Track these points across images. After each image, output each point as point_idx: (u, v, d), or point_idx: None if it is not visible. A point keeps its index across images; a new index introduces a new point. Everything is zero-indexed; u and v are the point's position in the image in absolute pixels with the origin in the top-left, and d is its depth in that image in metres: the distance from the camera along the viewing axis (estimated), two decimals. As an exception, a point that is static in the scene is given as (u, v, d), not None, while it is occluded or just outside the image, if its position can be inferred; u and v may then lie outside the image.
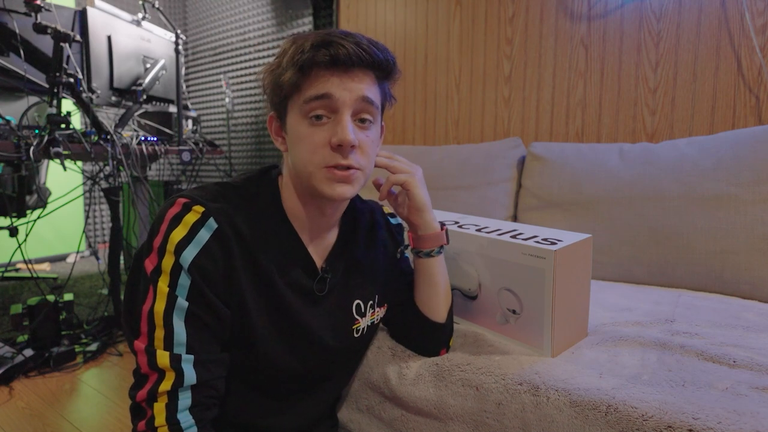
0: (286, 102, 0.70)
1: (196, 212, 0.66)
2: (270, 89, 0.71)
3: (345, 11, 2.48)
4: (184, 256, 0.64)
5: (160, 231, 0.66)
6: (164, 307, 0.64)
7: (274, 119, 0.75)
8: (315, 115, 0.67)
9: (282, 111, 0.71)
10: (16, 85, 1.72)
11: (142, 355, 0.64)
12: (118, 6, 2.14)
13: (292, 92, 0.68)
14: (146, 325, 0.64)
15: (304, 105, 0.67)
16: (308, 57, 0.65)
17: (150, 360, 0.63)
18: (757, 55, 1.45)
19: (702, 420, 0.62)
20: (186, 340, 0.64)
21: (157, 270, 0.65)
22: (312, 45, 0.65)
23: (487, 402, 0.78)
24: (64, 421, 1.41)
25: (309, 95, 0.66)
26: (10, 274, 2.76)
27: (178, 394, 0.64)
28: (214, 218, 0.66)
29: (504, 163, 1.72)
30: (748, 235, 1.19)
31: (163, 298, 0.64)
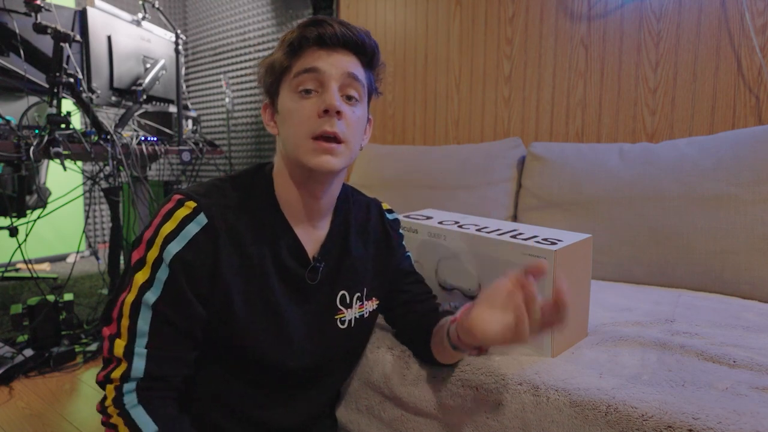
0: (278, 83, 0.73)
1: (187, 207, 0.68)
2: (264, 77, 0.75)
3: (345, 11, 2.48)
4: (169, 249, 0.66)
5: (153, 225, 0.68)
6: (134, 299, 0.66)
7: (267, 106, 0.77)
8: (304, 89, 0.70)
9: (273, 93, 0.75)
10: (16, 85, 1.72)
11: (106, 341, 0.67)
12: (118, 6, 2.14)
13: (283, 73, 0.72)
14: (117, 312, 0.67)
15: (294, 80, 0.70)
16: (297, 35, 0.70)
17: (110, 347, 0.66)
18: (757, 55, 1.45)
19: (702, 420, 0.62)
20: (147, 333, 0.66)
21: (141, 261, 0.67)
22: (301, 25, 0.70)
23: (487, 402, 0.78)
24: (64, 421, 1.41)
25: (299, 69, 0.70)
26: (10, 274, 2.76)
27: (124, 384, 0.66)
28: (205, 213, 0.68)
29: (504, 163, 1.72)
30: (748, 235, 1.19)
31: (136, 289, 0.66)
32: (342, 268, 0.82)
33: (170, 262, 0.66)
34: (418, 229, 1.06)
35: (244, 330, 0.72)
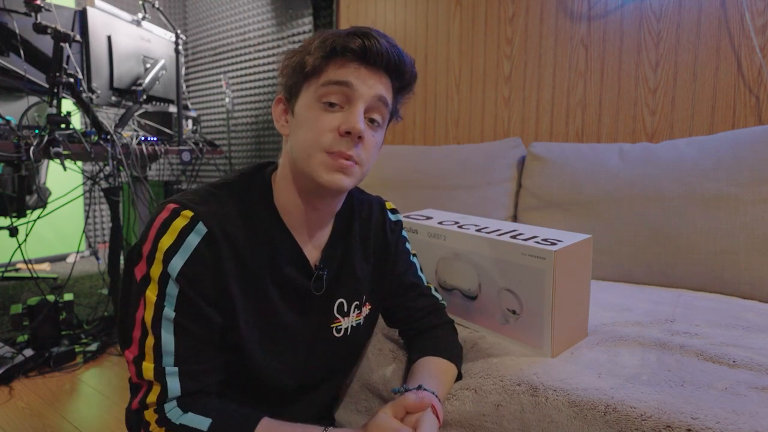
0: (301, 84, 0.69)
1: (184, 217, 0.64)
2: (289, 70, 0.70)
3: (345, 11, 2.48)
4: (173, 264, 0.63)
5: (149, 238, 0.65)
6: (152, 316, 0.63)
7: (282, 101, 0.73)
8: (329, 101, 0.66)
9: (294, 93, 0.70)
10: (16, 85, 1.72)
11: (131, 365, 0.65)
12: (118, 6, 2.15)
13: (311, 75, 0.67)
14: (138, 331, 0.64)
15: (321, 88, 0.66)
16: (341, 42, 0.65)
17: (137, 371, 0.64)
18: (757, 55, 1.45)
19: (701, 420, 0.62)
20: (174, 350, 0.64)
21: (146, 278, 0.64)
22: (348, 33, 0.66)
23: (486, 404, 0.78)
24: (64, 421, 1.41)
25: (329, 79, 0.66)
26: (10, 274, 2.76)
27: (164, 406, 0.64)
28: (204, 222, 0.65)
29: (504, 163, 1.72)
30: (748, 235, 1.19)
31: (151, 307, 0.64)
32: (342, 274, 0.80)
33: (177, 278, 0.63)
34: (417, 229, 1.06)
35: (245, 341, 0.70)
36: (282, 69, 0.71)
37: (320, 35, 0.67)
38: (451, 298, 1.01)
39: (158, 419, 0.63)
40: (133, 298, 0.66)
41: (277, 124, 0.74)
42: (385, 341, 0.95)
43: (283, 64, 0.71)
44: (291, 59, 0.70)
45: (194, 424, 0.63)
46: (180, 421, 0.63)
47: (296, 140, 0.68)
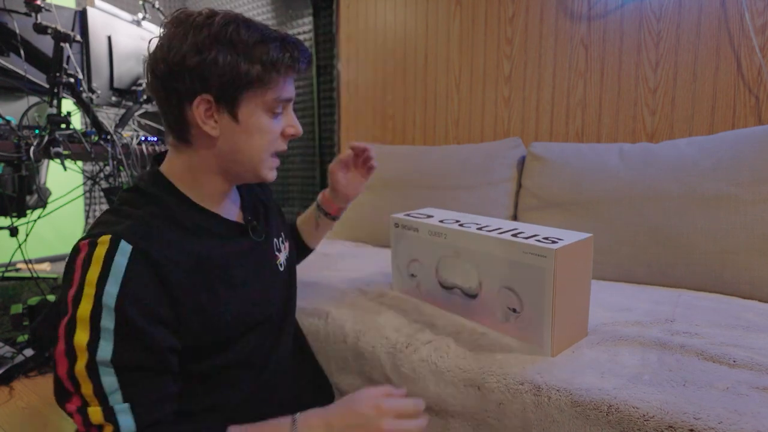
0: (241, 92, 0.69)
1: (103, 243, 0.61)
2: (215, 73, 0.66)
3: (345, 11, 2.48)
4: (107, 293, 0.59)
5: (73, 282, 0.61)
6: (85, 363, 0.58)
7: (208, 102, 0.68)
8: (277, 112, 0.73)
9: (229, 98, 0.69)
10: (16, 85, 1.72)
11: (77, 415, 0.60)
12: (118, 6, 2.14)
13: (252, 85, 0.69)
14: (71, 385, 0.59)
15: (273, 102, 0.71)
16: (280, 59, 0.69)
17: (84, 420, 0.59)
18: (757, 55, 1.45)
19: (703, 420, 0.62)
20: (119, 387, 0.60)
21: (70, 326, 0.59)
22: (283, 45, 0.70)
23: (489, 401, 0.78)
24: (64, 421, 1.41)
25: (280, 96, 0.72)
26: (10, 274, 2.76)
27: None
28: (125, 239, 0.62)
29: (504, 163, 1.72)
30: (748, 235, 1.19)
31: (83, 353, 0.58)
32: (263, 219, 0.87)
33: (115, 306, 0.59)
34: (418, 227, 1.07)
35: (220, 317, 0.70)
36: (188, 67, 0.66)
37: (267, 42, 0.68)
38: (451, 296, 1.01)
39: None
40: (56, 353, 0.61)
41: (204, 126, 0.69)
42: (380, 339, 0.95)
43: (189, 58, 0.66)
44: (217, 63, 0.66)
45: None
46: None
47: (243, 145, 0.72)
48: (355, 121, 2.50)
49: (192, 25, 0.67)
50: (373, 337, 0.96)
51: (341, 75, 2.54)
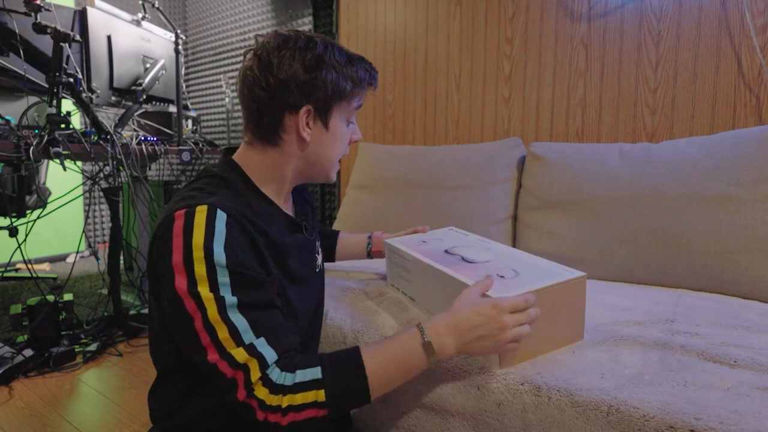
0: (334, 103, 0.81)
1: (201, 211, 0.68)
2: (322, 88, 0.78)
3: (345, 11, 2.48)
4: (216, 253, 0.66)
5: (175, 247, 0.66)
6: (216, 310, 0.65)
7: (309, 111, 0.79)
8: (350, 122, 0.86)
9: (326, 108, 0.80)
10: (16, 85, 1.72)
11: (221, 363, 0.65)
12: (118, 6, 2.14)
13: (345, 99, 0.82)
14: (207, 336, 0.65)
15: (351, 111, 0.84)
16: (370, 80, 0.85)
17: (230, 362, 0.65)
18: (757, 55, 1.45)
19: (704, 420, 0.62)
20: (250, 326, 0.67)
21: (192, 283, 0.65)
22: (368, 70, 0.84)
23: (488, 401, 0.78)
24: (64, 421, 1.41)
25: (357, 106, 0.85)
26: (10, 274, 2.76)
27: (269, 376, 0.66)
28: (220, 209, 0.69)
29: (504, 163, 1.72)
30: (748, 235, 1.19)
31: (212, 304, 0.65)
32: (312, 221, 0.96)
33: (226, 265, 0.66)
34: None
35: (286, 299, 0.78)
36: (320, 83, 0.78)
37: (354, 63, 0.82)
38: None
39: (271, 390, 0.65)
40: (186, 313, 0.66)
41: (302, 133, 0.79)
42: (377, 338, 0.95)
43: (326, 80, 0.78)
44: (334, 82, 0.79)
45: (309, 376, 0.67)
46: (295, 381, 0.67)
47: (325, 149, 0.83)
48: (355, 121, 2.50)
49: (297, 47, 0.77)
50: (372, 337, 0.96)
51: (341, 75, 2.54)
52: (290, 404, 0.65)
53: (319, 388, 0.67)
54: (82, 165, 2.49)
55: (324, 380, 0.67)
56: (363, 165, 2.06)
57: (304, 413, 0.66)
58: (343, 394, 0.68)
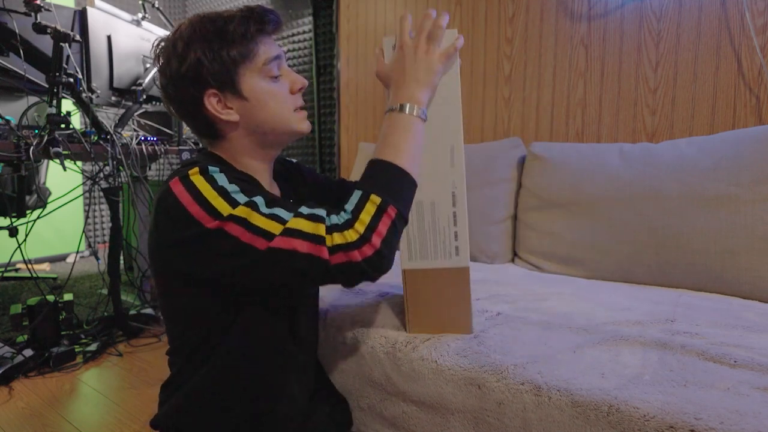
0: (234, 71, 0.76)
1: (194, 172, 0.69)
2: (207, 66, 0.75)
3: (345, 11, 2.48)
4: (228, 186, 0.68)
5: (187, 204, 0.67)
6: (254, 211, 0.66)
7: (215, 94, 0.77)
8: (274, 75, 0.80)
9: (228, 82, 0.76)
10: (16, 85, 1.72)
11: (285, 240, 0.64)
12: (118, 6, 2.14)
13: (242, 62, 0.77)
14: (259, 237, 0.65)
15: (264, 67, 0.78)
16: (247, 29, 0.76)
17: (293, 234, 0.64)
18: (758, 55, 1.45)
19: (704, 420, 0.62)
20: (285, 209, 0.67)
21: (219, 215, 0.65)
22: (247, 17, 0.77)
23: (489, 401, 0.78)
24: (64, 421, 1.41)
25: (267, 58, 0.78)
26: (10, 274, 2.76)
27: (330, 222, 0.65)
28: (211, 166, 0.71)
29: (504, 163, 1.72)
30: (748, 235, 1.19)
31: (246, 211, 0.66)
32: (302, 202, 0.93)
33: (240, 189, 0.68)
34: None
35: None
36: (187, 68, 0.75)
37: (228, 23, 0.76)
38: None
39: (342, 229, 0.65)
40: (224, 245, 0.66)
41: (223, 116, 0.78)
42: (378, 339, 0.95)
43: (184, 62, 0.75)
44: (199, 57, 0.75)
45: (356, 199, 0.68)
46: (350, 209, 0.67)
47: (264, 113, 0.79)
48: (355, 121, 2.50)
49: (168, 46, 0.77)
50: (372, 337, 0.96)
51: (341, 75, 2.54)
52: (365, 226, 0.65)
53: (369, 197, 0.68)
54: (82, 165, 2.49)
55: (366, 190, 0.69)
56: (363, 165, 2.07)
57: (382, 223, 0.66)
58: (390, 187, 0.70)
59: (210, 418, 0.78)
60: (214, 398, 0.78)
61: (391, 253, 0.66)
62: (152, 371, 1.72)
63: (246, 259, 0.65)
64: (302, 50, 2.85)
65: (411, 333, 0.94)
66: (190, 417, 0.78)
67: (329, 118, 2.77)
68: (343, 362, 1.00)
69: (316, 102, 2.78)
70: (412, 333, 0.94)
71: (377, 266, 0.65)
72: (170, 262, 0.73)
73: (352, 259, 0.63)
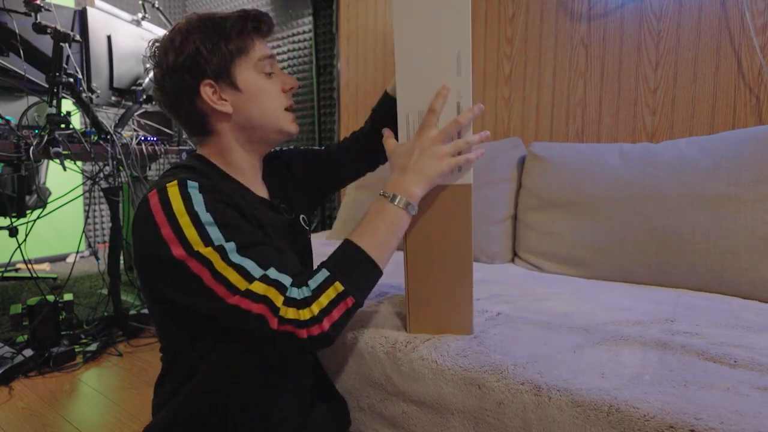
0: (229, 64, 0.79)
1: (172, 185, 0.70)
2: (205, 57, 0.77)
3: (345, 11, 2.48)
4: (201, 214, 0.68)
5: (160, 223, 0.67)
6: (221, 258, 0.67)
7: (211, 85, 0.79)
8: (268, 72, 0.83)
9: (225, 72, 0.79)
10: (16, 85, 1.72)
11: (243, 301, 0.66)
12: (118, 6, 2.14)
13: (238, 55, 0.80)
14: (221, 285, 0.66)
15: (259, 63, 0.82)
16: (251, 26, 0.81)
17: (252, 297, 0.66)
18: (758, 55, 1.45)
19: (704, 420, 0.62)
20: (256, 263, 0.68)
21: (188, 247, 0.66)
22: (244, 17, 0.80)
23: (489, 400, 0.78)
24: (64, 421, 1.41)
25: (261, 55, 0.82)
26: (10, 274, 2.76)
27: (291, 296, 0.68)
28: (190, 181, 0.71)
29: (504, 163, 1.72)
30: (748, 235, 1.19)
31: (214, 255, 0.66)
32: (291, 200, 0.96)
33: (214, 220, 0.68)
34: None
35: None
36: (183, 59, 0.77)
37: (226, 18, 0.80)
38: None
39: (298, 306, 0.67)
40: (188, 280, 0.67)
41: (216, 106, 0.80)
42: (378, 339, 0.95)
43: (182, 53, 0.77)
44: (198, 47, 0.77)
45: (320, 279, 0.70)
46: (312, 288, 0.69)
47: (256, 108, 0.82)
48: (355, 121, 2.50)
49: (166, 40, 0.80)
50: (372, 337, 0.96)
51: (341, 75, 2.54)
52: (320, 309, 0.68)
53: (333, 282, 0.70)
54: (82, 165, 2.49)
55: (334, 274, 0.71)
56: (363, 165, 2.06)
57: (336, 310, 0.69)
58: (355, 276, 0.73)
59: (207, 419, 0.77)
60: (204, 408, 0.77)
61: (336, 334, 0.71)
62: (152, 371, 1.72)
63: (207, 303, 0.68)
64: (302, 50, 2.85)
65: (411, 333, 0.93)
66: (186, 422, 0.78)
67: (329, 118, 2.77)
68: (343, 362, 1.00)
69: (316, 102, 2.78)
70: (413, 333, 0.93)
71: (319, 344, 0.69)
72: (144, 273, 0.75)
73: (297, 334, 0.67)
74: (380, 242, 0.77)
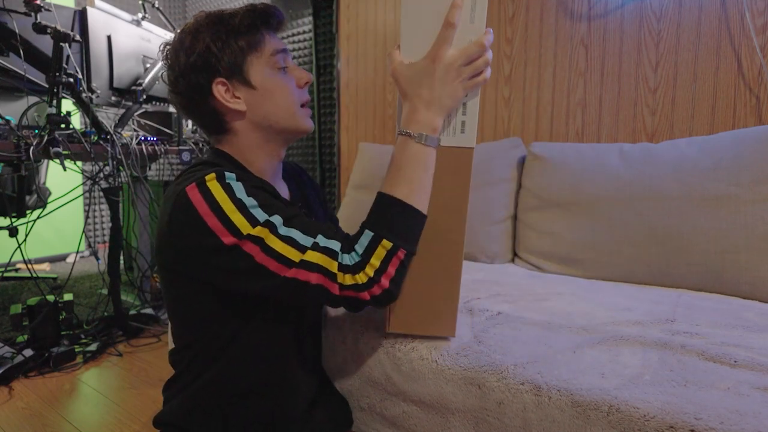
0: (242, 61, 0.78)
1: (210, 178, 0.69)
2: (216, 55, 0.76)
3: (345, 11, 2.48)
4: (245, 200, 0.68)
5: (204, 214, 0.67)
6: (270, 233, 0.67)
7: (224, 83, 0.78)
8: (282, 66, 0.81)
9: (237, 69, 0.78)
10: (16, 85, 1.72)
11: (300, 272, 0.67)
12: (118, 6, 2.14)
13: (249, 51, 0.78)
14: (273, 260, 0.67)
15: (271, 58, 0.80)
16: (255, 20, 0.79)
17: (307, 266, 0.67)
18: (758, 55, 1.45)
19: (704, 420, 0.62)
20: (303, 233, 0.69)
21: (237, 231, 0.67)
22: (252, 12, 0.79)
23: (489, 400, 0.78)
24: (64, 421, 1.41)
25: (274, 50, 0.80)
26: (10, 274, 2.76)
27: (341, 262, 0.69)
28: (226, 171, 0.71)
29: (504, 163, 1.72)
30: (748, 235, 1.19)
31: (263, 231, 0.67)
32: (309, 205, 0.97)
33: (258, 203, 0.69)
34: None
35: None
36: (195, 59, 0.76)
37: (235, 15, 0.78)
38: None
39: (353, 272, 0.68)
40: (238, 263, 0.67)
41: (230, 104, 0.78)
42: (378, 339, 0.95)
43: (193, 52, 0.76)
44: (209, 45, 0.76)
45: (366, 240, 0.70)
46: (360, 252, 0.70)
47: (271, 105, 0.80)
48: (355, 121, 2.50)
49: (176, 41, 0.79)
50: (372, 337, 0.96)
51: (341, 75, 2.54)
52: (374, 270, 0.69)
53: (380, 241, 0.70)
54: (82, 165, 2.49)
55: (377, 232, 0.71)
56: (363, 165, 2.07)
57: (391, 265, 0.70)
58: (400, 229, 0.72)
59: (215, 416, 0.78)
60: (220, 397, 0.78)
61: (398, 288, 0.72)
62: (152, 371, 1.72)
63: (261, 281, 0.68)
64: (302, 50, 2.85)
65: (390, 331, 0.87)
66: (195, 416, 0.78)
67: (329, 118, 2.77)
68: (343, 362, 1.00)
69: (316, 102, 2.78)
70: (392, 331, 0.87)
71: (384, 302, 0.72)
72: (182, 265, 0.73)
73: (360, 297, 0.69)
74: (417, 187, 0.74)
